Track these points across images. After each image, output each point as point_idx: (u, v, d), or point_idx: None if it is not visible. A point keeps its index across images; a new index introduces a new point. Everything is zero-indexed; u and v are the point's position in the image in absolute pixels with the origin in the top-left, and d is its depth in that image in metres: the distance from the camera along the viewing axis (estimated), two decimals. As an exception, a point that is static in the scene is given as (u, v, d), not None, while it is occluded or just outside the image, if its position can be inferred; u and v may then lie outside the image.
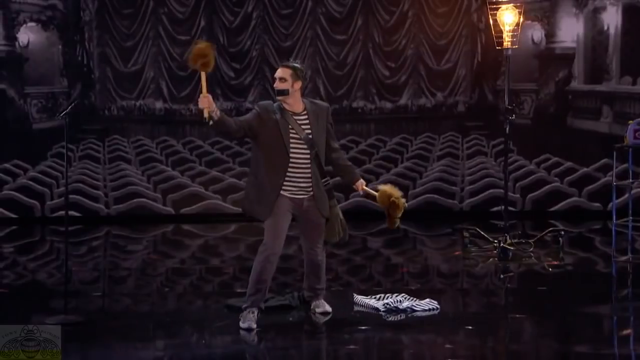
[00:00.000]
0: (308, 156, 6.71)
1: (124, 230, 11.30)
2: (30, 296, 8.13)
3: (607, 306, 7.85)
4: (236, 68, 12.08)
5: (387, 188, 7.00)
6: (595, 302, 7.78)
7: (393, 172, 12.02)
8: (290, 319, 7.10)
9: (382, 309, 7.26)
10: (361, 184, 7.05)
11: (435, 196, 12.03)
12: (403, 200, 6.98)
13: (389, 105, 12.17)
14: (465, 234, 9.85)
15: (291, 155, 6.69)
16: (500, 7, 9.61)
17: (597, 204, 11.91)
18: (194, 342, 6.57)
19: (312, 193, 6.76)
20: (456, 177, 12.12)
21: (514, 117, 9.66)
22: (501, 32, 9.59)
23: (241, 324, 6.71)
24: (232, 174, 12.06)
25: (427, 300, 7.39)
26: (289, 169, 6.70)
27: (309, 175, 6.74)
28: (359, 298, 7.51)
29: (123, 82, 12.06)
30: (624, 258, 8.85)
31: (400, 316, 7.16)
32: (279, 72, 6.81)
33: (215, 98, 11.96)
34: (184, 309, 7.65)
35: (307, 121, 6.75)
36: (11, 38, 11.82)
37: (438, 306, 7.33)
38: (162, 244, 10.93)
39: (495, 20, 9.63)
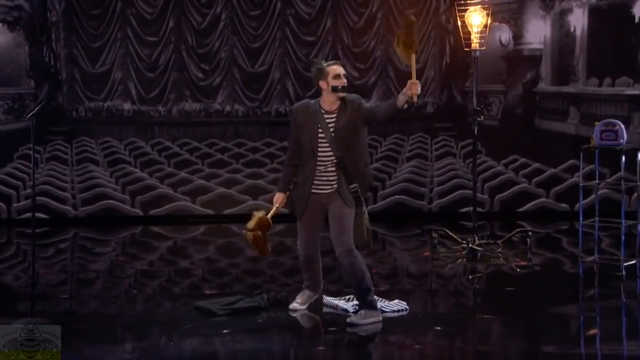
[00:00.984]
0: (333, 156, 6.79)
1: (92, 232, 11.22)
2: (-4, 299, 8.06)
3: (574, 306, 7.91)
4: (205, 69, 12.05)
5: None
6: (562, 302, 7.83)
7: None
8: (260, 320, 7.09)
9: (352, 310, 7.26)
10: (408, 85, 6.70)
11: (404, 197, 12.06)
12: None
13: (358, 106, 12.16)
14: (434, 234, 9.89)
15: (319, 155, 6.81)
16: (468, 9, 9.66)
17: (564, 205, 12.00)
18: (162, 344, 6.54)
19: (336, 187, 6.82)
20: (425, 178, 12.16)
21: (482, 119, 9.71)
22: (469, 33, 9.64)
23: (290, 304, 7.21)
24: (201, 176, 12.01)
25: (396, 301, 7.41)
26: (317, 168, 6.82)
27: (334, 172, 6.83)
28: (328, 299, 7.51)
29: (91, 83, 11.98)
30: (590, 258, 8.92)
31: (370, 317, 7.16)
32: (342, 69, 6.96)
33: (183, 100, 12.03)
34: (152, 311, 7.62)
35: (338, 119, 6.84)
36: (-23, 39, 11.72)
37: (407, 307, 7.35)
38: (130, 245, 10.87)
39: (463, 22, 9.68)
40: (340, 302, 7.42)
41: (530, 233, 9.96)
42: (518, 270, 9.06)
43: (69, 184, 11.86)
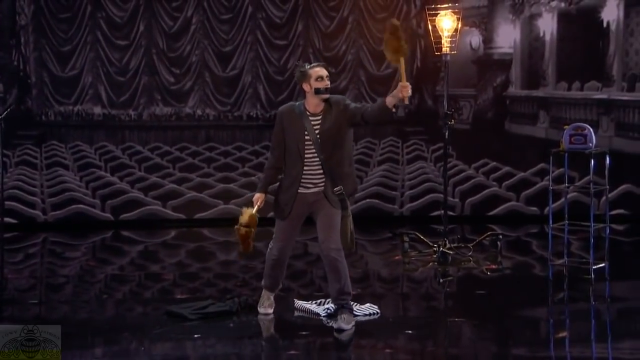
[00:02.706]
0: (317, 158, 6.80)
1: (61, 237, 11.15)
2: (-36, 305, 7.98)
3: (544, 309, 7.96)
4: (176, 73, 12.01)
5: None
6: (532, 305, 7.88)
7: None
8: (231, 325, 7.07)
9: (323, 314, 7.28)
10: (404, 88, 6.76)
11: (376, 201, 12.08)
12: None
13: (329, 110, 12.17)
14: (405, 238, 9.91)
15: (305, 157, 6.81)
16: (438, 13, 9.70)
17: (534, 208, 12.07)
18: (133, 349, 6.51)
19: (323, 187, 6.84)
20: (396, 182, 12.20)
21: (453, 122, 9.74)
22: (440, 37, 9.68)
23: (259, 309, 7.19)
24: (172, 180, 11.97)
25: (368, 304, 7.43)
26: (304, 170, 6.83)
27: (320, 171, 6.84)
28: (299, 303, 7.51)
29: (60, 87, 11.90)
30: (560, 261, 8.98)
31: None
32: (325, 71, 6.89)
33: (154, 104, 11.99)
34: (123, 315, 7.58)
35: (323, 121, 6.83)
36: (-56, 42, 11.61)
37: (378, 311, 7.36)
38: (100, 250, 10.81)
39: (434, 26, 9.72)
40: (312, 306, 7.42)
41: (501, 236, 10.01)
42: (489, 273, 9.11)
43: (38, 188, 11.77)
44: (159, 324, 7.04)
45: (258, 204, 6.94)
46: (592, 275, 8.46)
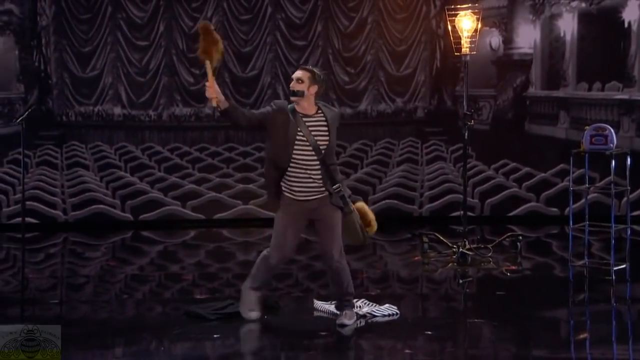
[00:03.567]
0: (315, 159, 6.74)
1: (82, 237, 11.20)
2: (-14, 304, 8.03)
3: (565, 310, 7.93)
4: (195, 74, 12.03)
5: (369, 213, 7.01)
6: (552, 307, 7.85)
7: (353, 178, 12.04)
8: (251, 325, 7.07)
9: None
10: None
11: (395, 201, 12.07)
12: (375, 229, 7.03)
13: (348, 110, 12.19)
14: (425, 239, 9.89)
15: (294, 157, 6.73)
16: (458, 14, 9.68)
17: (555, 209, 12.02)
18: (153, 349, 6.53)
19: (325, 193, 6.79)
20: (415, 182, 12.18)
21: (472, 123, 9.72)
22: (459, 38, 9.66)
23: (244, 311, 7.03)
24: (192, 180, 12.00)
25: (387, 305, 7.42)
26: (293, 171, 6.75)
27: (319, 176, 6.76)
28: (319, 304, 7.52)
29: (81, 87, 11.96)
30: (580, 262, 8.94)
31: (360, 321, 7.17)
32: (297, 74, 6.85)
33: (174, 104, 12.02)
34: (143, 315, 7.61)
35: (319, 124, 6.79)
36: (-34, 43, 11.69)
37: (397, 311, 7.35)
38: (120, 250, 10.85)
39: (453, 27, 9.70)
40: (331, 307, 7.42)
41: (521, 237, 9.97)
42: (508, 274, 9.08)
43: (59, 188, 11.83)
44: (179, 324, 7.06)
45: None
46: (613, 277, 8.42)
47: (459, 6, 9.82)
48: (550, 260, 9.89)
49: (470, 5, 9.85)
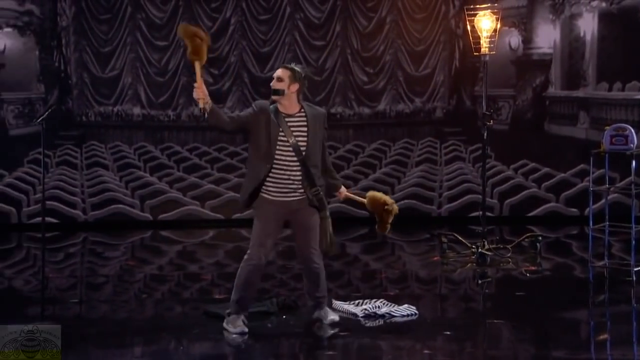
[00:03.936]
0: (295, 160, 6.67)
1: (101, 237, 11.24)
2: (6, 303, 8.07)
3: (585, 311, 7.89)
4: (214, 74, 12.06)
5: (377, 194, 7.04)
6: (572, 307, 7.82)
7: (371, 178, 12.04)
8: (269, 325, 7.09)
9: (361, 315, 7.27)
10: (343, 191, 7.09)
11: (414, 202, 12.04)
12: (396, 206, 7.04)
13: (367, 111, 12.19)
14: (444, 239, 9.87)
15: (276, 157, 6.66)
16: (477, 13, 9.65)
17: (574, 210, 11.97)
18: (172, 349, 6.54)
19: (303, 195, 6.72)
20: (434, 182, 12.15)
21: (491, 123, 9.70)
22: (479, 38, 9.63)
23: (231, 329, 6.72)
24: (211, 180, 12.03)
25: (406, 305, 7.41)
26: (273, 171, 6.67)
27: (299, 177, 6.69)
28: (337, 304, 7.51)
29: (101, 87, 12.01)
30: (600, 263, 8.90)
31: (379, 322, 7.17)
32: (277, 72, 6.84)
33: (193, 104, 12.03)
34: (162, 315, 7.62)
35: (300, 124, 6.72)
36: (-13, 44, 11.75)
37: (416, 311, 7.34)
38: (139, 250, 10.88)
39: (473, 26, 9.67)
40: (350, 307, 7.42)
41: (540, 238, 9.94)
42: (528, 275, 9.05)
43: (78, 188, 11.88)
44: (198, 323, 7.07)
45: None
46: (634, 277, 8.38)
47: (478, 6, 9.80)
48: (570, 261, 9.85)
49: (489, 5, 9.82)
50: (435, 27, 12.15)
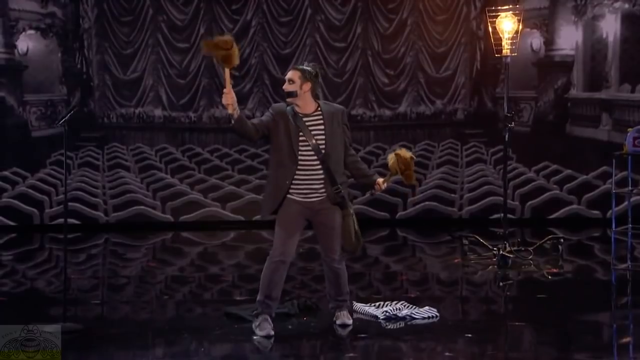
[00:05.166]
0: (316, 159, 6.67)
1: (122, 238, 11.29)
2: (29, 304, 8.12)
3: (607, 314, 7.85)
4: (235, 75, 12.07)
5: (396, 158, 6.95)
6: (594, 310, 7.78)
7: (392, 180, 11.97)
8: (290, 327, 7.09)
9: (382, 317, 7.26)
10: (380, 182, 6.99)
11: (435, 204, 12.02)
12: (408, 153, 6.94)
13: (388, 112, 12.18)
14: (465, 241, 9.85)
15: (300, 158, 6.67)
16: (499, 15, 9.63)
17: (597, 212, 11.91)
18: (193, 350, 6.55)
19: (325, 194, 6.72)
20: (455, 184, 12.12)
21: (513, 125, 9.66)
22: (500, 39, 9.60)
23: (258, 332, 6.72)
24: (231, 182, 12.05)
25: (427, 307, 7.39)
26: (298, 172, 6.68)
27: (321, 177, 6.69)
28: (358, 306, 7.51)
29: (122, 89, 12.06)
30: (623, 266, 8.85)
31: (400, 324, 7.16)
32: (288, 74, 6.82)
33: (214, 106, 12.07)
34: (183, 316, 7.64)
35: (317, 123, 6.73)
36: (10, 46, 11.82)
37: (437, 314, 7.32)
38: (161, 251, 10.92)
39: (494, 28, 9.65)
40: (371, 309, 7.41)
41: (562, 240, 9.90)
42: (549, 277, 9.01)
43: (100, 189, 11.94)
44: (219, 325, 7.08)
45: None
46: (656, 280, 8.33)
47: (499, 7, 9.77)
48: (592, 263, 9.80)
49: (511, 6, 9.79)
50: (457, 28, 12.12)
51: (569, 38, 12.08)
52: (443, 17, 12.10)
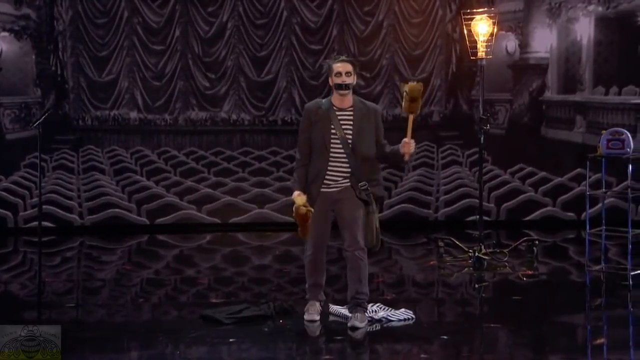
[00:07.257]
0: (343, 152, 6.80)
1: (98, 241, 11.23)
2: (3, 307, 8.05)
3: (581, 315, 7.89)
4: (211, 78, 12.07)
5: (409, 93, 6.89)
6: (569, 312, 7.82)
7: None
8: (266, 329, 7.08)
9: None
10: (406, 141, 6.85)
11: (411, 206, 12.05)
12: (417, 85, 6.82)
13: (364, 115, 12.17)
14: (440, 243, 9.87)
15: (331, 151, 6.80)
16: (474, 18, 9.67)
17: (571, 214, 11.98)
18: (168, 353, 6.53)
19: (346, 185, 6.83)
20: (431, 186, 12.16)
21: (488, 127, 9.70)
22: (475, 42, 9.64)
23: (305, 316, 7.07)
24: (207, 184, 12.03)
25: (403, 310, 7.40)
26: (329, 164, 6.81)
27: (347, 169, 6.82)
28: (334, 308, 7.50)
29: (97, 92, 12.01)
30: (597, 267, 8.90)
31: (376, 326, 7.16)
32: (345, 67, 6.84)
33: (190, 108, 12.05)
34: (158, 319, 7.62)
35: (348, 118, 6.85)
36: (-16, 48, 11.75)
37: (413, 316, 7.34)
38: (136, 254, 10.87)
39: (469, 31, 9.68)
40: (346, 311, 7.40)
41: (537, 242, 9.94)
42: (524, 279, 9.05)
43: (75, 192, 11.88)
44: (194, 328, 7.06)
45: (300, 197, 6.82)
46: (630, 282, 8.38)
47: (474, 10, 9.81)
48: (567, 265, 9.85)
49: (486, 9, 9.84)
50: (432, 31, 12.17)
51: (543, 41, 12.16)
52: (419, 19, 12.14)
